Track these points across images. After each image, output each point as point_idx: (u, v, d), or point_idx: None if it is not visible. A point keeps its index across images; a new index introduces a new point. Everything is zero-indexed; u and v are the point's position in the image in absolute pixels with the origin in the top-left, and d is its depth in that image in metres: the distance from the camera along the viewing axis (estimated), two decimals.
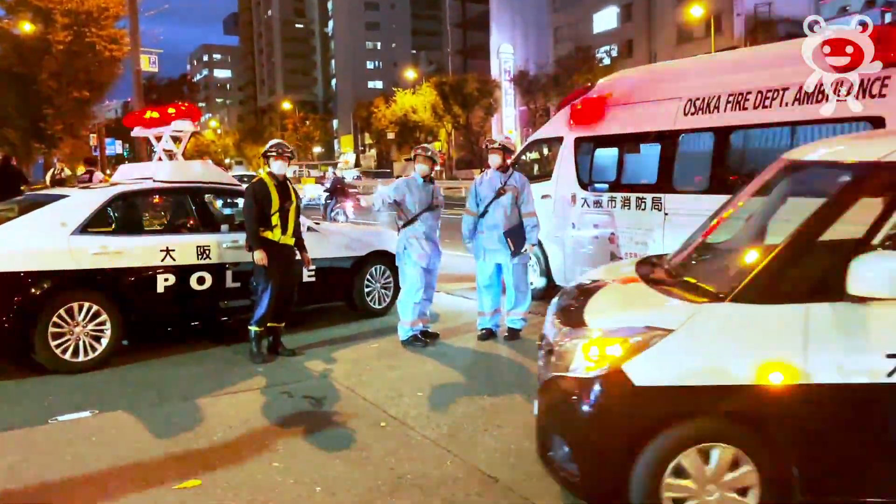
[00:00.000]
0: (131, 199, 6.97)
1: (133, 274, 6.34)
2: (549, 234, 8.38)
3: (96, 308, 6.09)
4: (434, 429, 4.64)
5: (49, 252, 5.96)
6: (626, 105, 7.86)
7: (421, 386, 5.56)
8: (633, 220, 7.46)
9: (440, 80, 56.88)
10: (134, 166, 8.47)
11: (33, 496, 3.76)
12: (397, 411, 4.99)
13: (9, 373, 6.01)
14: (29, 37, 30.61)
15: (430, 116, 57.45)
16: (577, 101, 8.45)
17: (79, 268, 6.03)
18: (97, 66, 31.66)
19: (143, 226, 7.33)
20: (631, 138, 7.83)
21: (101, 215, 6.50)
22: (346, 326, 7.70)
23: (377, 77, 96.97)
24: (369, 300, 8.11)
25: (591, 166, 8.21)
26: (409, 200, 6.76)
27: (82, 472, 4.08)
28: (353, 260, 7.94)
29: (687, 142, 7.16)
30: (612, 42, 52.65)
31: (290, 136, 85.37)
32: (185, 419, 4.91)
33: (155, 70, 21.06)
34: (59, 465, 4.16)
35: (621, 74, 8.52)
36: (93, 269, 6.12)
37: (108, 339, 6.14)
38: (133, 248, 6.38)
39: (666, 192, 7.15)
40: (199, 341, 7.00)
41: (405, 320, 6.82)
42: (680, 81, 7.30)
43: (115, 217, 6.81)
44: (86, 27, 30.79)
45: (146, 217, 8.04)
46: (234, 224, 7.17)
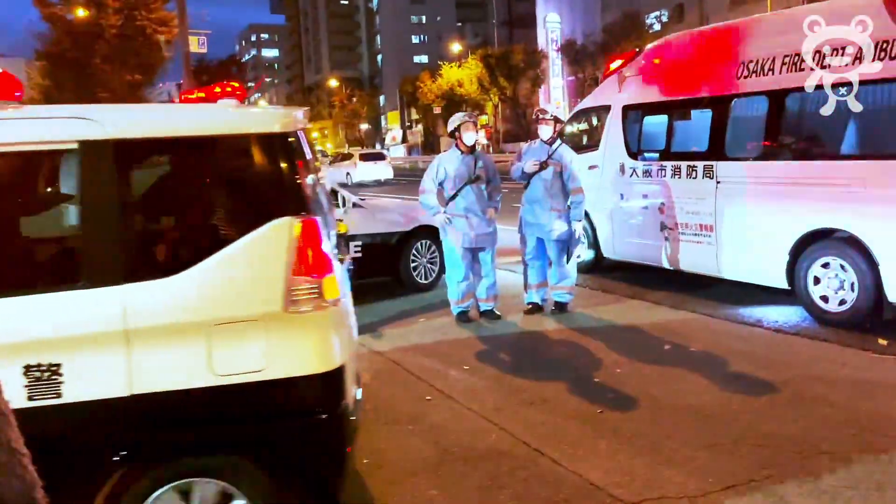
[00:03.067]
0: None
1: None
2: (597, 206, 8.23)
3: None
4: (479, 402, 4.63)
5: None
6: (674, 70, 7.62)
7: (467, 360, 5.56)
8: (683, 189, 7.27)
9: (486, 53, 56.26)
10: None
11: None
12: (443, 385, 5.00)
13: None
14: (82, 22, 31.39)
15: (477, 90, 56.99)
16: (625, 67, 8.24)
17: None
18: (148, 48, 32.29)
19: None
20: (681, 105, 7.60)
21: None
22: (393, 301, 7.74)
23: (422, 51, 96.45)
24: (415, 275, 8.12)
25: (639, 135, 8.01)
26: (446, 177, 6.61)
27: None
28: (399, 235, 7.96)
29: (740, 107, 6.92)
30: (661, 7, 51.11)
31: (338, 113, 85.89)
32: None
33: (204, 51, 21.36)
34: None
35: (670, 39, 8.26)
36: None
37: None
38: None
39: (718, 159, 6.93)
40: None
41: (451, 298, 6.80)
42: (731, 43, 7.03)
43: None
44: (136, 10, 31.42)
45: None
46: None
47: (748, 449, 3.78)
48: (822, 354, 5.38)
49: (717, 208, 6.93)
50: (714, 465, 3.62)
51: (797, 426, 4.05)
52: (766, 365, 5.15)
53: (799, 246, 6.27)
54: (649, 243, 7.76)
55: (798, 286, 6.32)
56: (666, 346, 5.74)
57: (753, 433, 3.97)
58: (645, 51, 8.25)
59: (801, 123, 6.47)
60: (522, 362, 5.49)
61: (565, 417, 4.32)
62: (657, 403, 4.51)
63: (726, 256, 6.94)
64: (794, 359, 5.30)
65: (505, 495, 3.40)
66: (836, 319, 6.05)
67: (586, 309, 7.05)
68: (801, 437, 3.88)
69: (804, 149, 6.44)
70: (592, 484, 3.47)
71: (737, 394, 4.61)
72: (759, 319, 6.44)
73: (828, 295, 6.12)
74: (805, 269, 6.25)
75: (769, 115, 6.53)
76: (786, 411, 4.28)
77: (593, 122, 9.14)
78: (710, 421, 4.19)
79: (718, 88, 6.96)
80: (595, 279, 8.41)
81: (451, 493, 3.44)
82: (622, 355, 5.51)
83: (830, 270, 6.09)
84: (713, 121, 7.03)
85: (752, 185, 6.65)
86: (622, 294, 7.66)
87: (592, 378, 5.04)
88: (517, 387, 4.91)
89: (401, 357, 5.71)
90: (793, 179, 6.30)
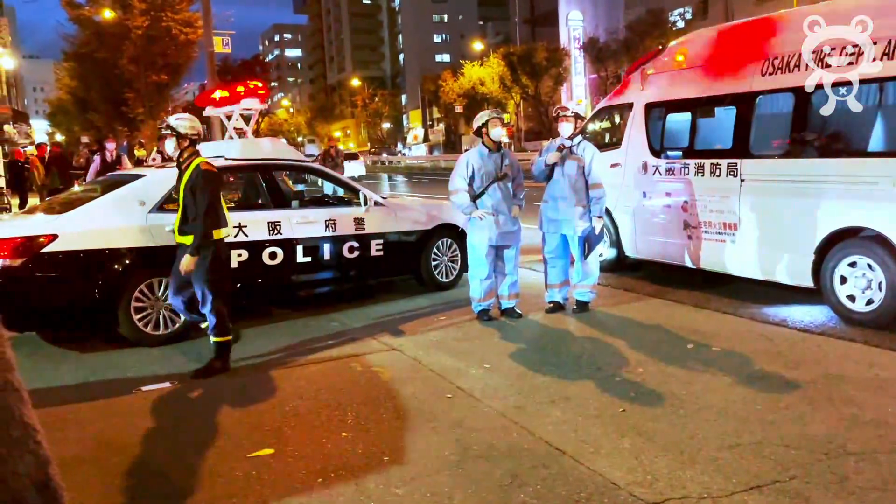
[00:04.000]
0: None
1: None
2: (619, 204, 8.19)
3: None
4: (501, 400, 4.63)
5: (130, 230, 6.20)
6: (698, 67, 7.55)
7: (488, 358, 5.55)
8: (707, 187, 7.20)
9: (508, 51, 56.13)
10: (205, 145, 8.68)
11: (118, 462, 3.95)
12: (464, 383, 5.00)
13: (95, 346, 6.32)
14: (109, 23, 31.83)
15: (499, 88, 56.88)
16: (648, 64, 8.19)
17: (157, 244, 6.26)
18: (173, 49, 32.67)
19: None
20: (704, 102, 7.53)
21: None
22: (414, 300, 7.76)
23: (444, 50, 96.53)
24: (437, 273, 8.13)
25: (662, 132, 7.95)
26: (475, 175, 6.59)
27: (162, 439, 4.27)
28: (420, 233, 7.97)
29: (765, 104, 6.84)
30: (685, 3, 50.61)
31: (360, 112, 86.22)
32: (258, 390, 5.06)
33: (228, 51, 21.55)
34: (141, 432, 4.35)
35: (693, 35, 8.19)
36: (170, 245, 6.34)
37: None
38: None
39: (742, 157, 6.86)
40: (270, 315, 7.19)
41: (473, 296, 6.80)
42: (756, 39, 6.94)
43: None
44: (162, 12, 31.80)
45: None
46: (304, 200, 7.28)
47: (773, 449, 3.73)
48: (849, 354, 5.30)
49: (741, 206, 6.86)
50: (738, 465, 3.58)
51: (823, 427, 4.00)
52: (792, 365, 5.09)
53: (825, 245, 6.19)
54: (672, 242, 7.70)
55: (824, 285, 6.24)
56: (689, 345, 5.69)
57: (778, 433, 3.93)
58: (668, 48, 8.19)
59: (828, 120, 6.39)
60: (544, 360, 5.48)
61: (587, 416, 4.30)
62: (680, 403, 4.47)
63: (750, 255, 6.87)
64: (820, 359, 5.23)
65: (526, 493, 3.40)
66: (863, 319, 5.95)
67: (608, 308, 7.01)
68: (827, 438, 3.83)
69: (831, 146, 6.35)
70: (614, 483, 3.45)
71: (761, 393, 4.56)
72: (784, 319, 6.36)
73: (855, 294, 6.03)
74: (831, 269, 6.16)
75: (795, 112, 6.45)
76: (812, 412, 4.23)
77: (616, 120, 9.09)
78: (734, 421, 4.15)
79: (743, 85, 6.89)
80: (617, 278, 8.36)
81: (471, 490, 3.44)
82: (644, 354, 5.47)
83: (857, 269, 6.00)
84: (737, 118, 6.95)
85: (777, 183, 6.57)
86: (644, 293, 7.61)
87: (614, 377, 5.01)
88: (539, 385, 4.90)
89: (422, 355, 5.72)
90: (819, 177, 6.22)
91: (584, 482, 3.48)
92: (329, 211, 7.44)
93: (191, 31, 32.23)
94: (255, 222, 6.79)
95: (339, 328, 6.64)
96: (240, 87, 7.84)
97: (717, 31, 7.76)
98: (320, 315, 7.10)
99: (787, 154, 6.57)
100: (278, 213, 6.98)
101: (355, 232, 7.40)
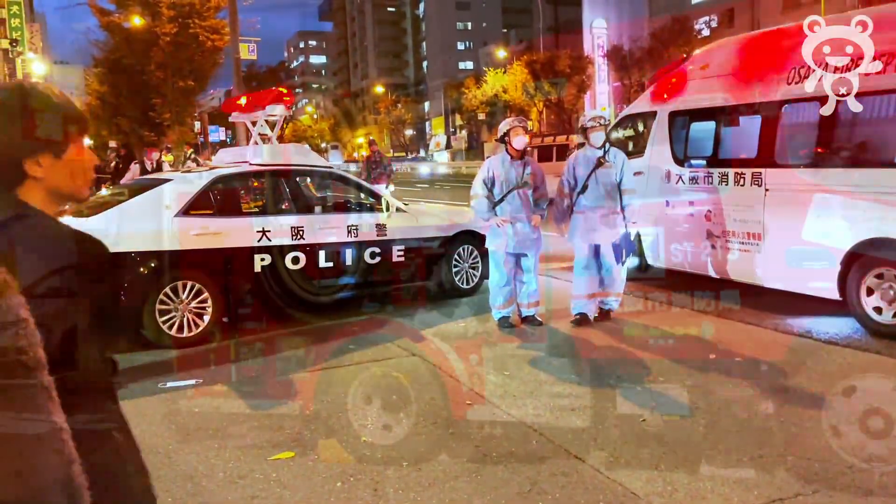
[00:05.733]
0: (229, 182, 7.25)
1: (232, 254, 6.61)
2: (642, 213, 8.13)
3: (198, 286, 6.39)
4: (520, 408, 4.63)
5: (156, 233, 6.29)
6: (723, 76, 7.50)
7: (507, 366, 5.55)
8: (731, 196, 7.14)
9: (531, 59, 56.08)
10: (230, 151, 8.82)
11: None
12: (483, 389, 5.00)
13: (117, 347, 6.41)
14: (138, 30, 32.36)
15: (521, 95, 56.82)
16: (672, 73, 8.15)
17: (182, 248, 6.34)
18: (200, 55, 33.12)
19: (241, 207, 7.62)
20: (729, 111, 7.47)
21: (201, 198, 6.80)
22: (434, 306, 7.77)
23: (468, 57, 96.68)
24: (457, 280, 8.14)
25: (686, 141, 7.90)
26: (496, 182, 6.60)
27: (184, 440, 4.32)
28: (441, 240, 7.99)
29: (790, 112, 6.77)
30: (711, 12, 50.26)
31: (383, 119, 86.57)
32: (280, 393, 5.10)
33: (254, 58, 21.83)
34: (165, 432, 4.41)
35: (718, 44, 8.14)
36: (195, 249, 6.43)
37: (209, 316, 6.44)
38: (231, 229, 6.65)
39: (767, 166, 6.80)
40: (292, 319, 7.24)
41: (493, 303, 6.79)
42: (782, 48, 6.89)
43: (215, 199, 7.11)
44: (189, 19, 32.28)
45: (243, 199, 8.36)
46: (327, 205, 7.34)
47: (795, 461, 3.69)
48: (875, 367, 5.23)
49: (765, 216, 6.79)
50: (759, 477, 3.54)
51: (848, 440, 3.95)
52: (816, 377, 5.03)
53: (851, 256, 6.11)
54: (695, 251, 7.64)
55: (850, 297, 6.15)
56: (711, 355, 5.64)
57: (801, 446, 3.88)
58: (693, 56, 8.15)
59: (855, 129, 6.31)
60: (564, 368, 5.46)
61: (607, 425, 4.28)
62: (701, 413, 4.44)
63: (774, 265, 6.79)
64: (845, 371, 5.16)
65: (545, 501, 3.39)
66: (890, 332, 5.86)
67: (630, 316, 6.97)
68: (851, 451, 3.78)
69: (857, 155, 6.27)
70: (633, 493, 3.44)
71: (784, 405, 4.51)
72: (809, 330, 6.28)
73: (881, 306, 5.94)
74: (857, 280, 6.08)
75: (821, 121, 6.38)
76: (836, 424, 4.17)
77: (639, 128, 9.05)
78: (756, 432, 4.11)
79: (768, 94, 6.83)
80: (640, 287, 8.31)
81: (490, 497, 3.45)
82: (666, 364, 5.44)
83: (884, 281, 5.92)
84: (762, 127, 6.90)
85: (802, 192, 6.50)
86: (667, 302, 7.56)
87: (635, 386, 4.99)
88: (558, 393, 4.89)
89: (441, 361, 5.73)
90: (845, 187, 6.14)
91: (604, 491, 3.47)
92: (351, 217, 7.50)
93: (217, 37, 32.66)
94: (279, 227, 6.86)
95: (359, 333, 6.68)
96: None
97: (743, 40, 7.71)
98: (341, 320, 7.15)
99: (812, 164, 6.51)
100: (301, 219, 7.04)
101: (377, 238, 7.45)
